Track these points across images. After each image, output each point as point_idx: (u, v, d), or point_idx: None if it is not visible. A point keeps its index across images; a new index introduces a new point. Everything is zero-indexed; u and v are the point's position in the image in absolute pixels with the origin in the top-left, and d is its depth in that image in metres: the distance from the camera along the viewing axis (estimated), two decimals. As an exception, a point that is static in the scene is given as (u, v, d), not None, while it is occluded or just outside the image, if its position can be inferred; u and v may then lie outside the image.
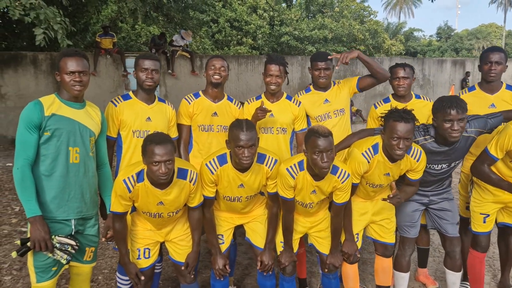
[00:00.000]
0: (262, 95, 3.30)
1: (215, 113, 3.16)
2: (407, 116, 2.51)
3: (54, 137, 2.32)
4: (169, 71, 12.11)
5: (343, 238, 2.91)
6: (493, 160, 2.81)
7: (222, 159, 2.62)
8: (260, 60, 13.87)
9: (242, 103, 3.35)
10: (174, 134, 3.09)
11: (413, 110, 2.64)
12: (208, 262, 3.26)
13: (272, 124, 3.20)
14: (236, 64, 13.14)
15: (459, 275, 3.10)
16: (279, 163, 2.68)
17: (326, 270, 2.89)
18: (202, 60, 13.00)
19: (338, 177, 2.64)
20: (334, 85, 3.41)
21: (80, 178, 2.43)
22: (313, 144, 2.46)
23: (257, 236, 2.88)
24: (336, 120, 3.31)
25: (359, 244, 2.94)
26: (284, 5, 21.30)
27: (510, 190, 2.76)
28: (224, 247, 2.83)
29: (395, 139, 2.52)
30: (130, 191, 2.39)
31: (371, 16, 23.54)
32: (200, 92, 3.23)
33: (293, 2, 13.57)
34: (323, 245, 2.91)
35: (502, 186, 2.80)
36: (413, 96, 3.36)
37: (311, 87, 3.45)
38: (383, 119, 2.65)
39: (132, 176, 2.39)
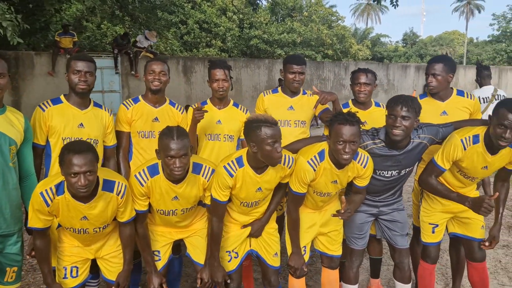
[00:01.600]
0: (208, 101, 3.13)
1: (156, 119, 2.97)
2: (351, 119, 2.41)
3: None
4: (132, 72, 11.80)
5: (289, 251, 2.78)
6: (440, 171, 2.74)
7: (153, 170, 2.42)
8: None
9: (186, 108, 3.18)
10: (111, 141, 2.89)
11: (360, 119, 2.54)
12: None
13: (220, 131, 3.05)
14: (203, 66, 12.95)
15: (408, 286, 3.02)
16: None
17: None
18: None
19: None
20: (304, 94, 3.30)
21: None
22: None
23: (197, 251, 2.71)
24: (295, 131, 3.19)
25: (306, 257, 2.81)
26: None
27: (460, 201, 2.69)
28: (160, 264, 2.64)
29: (340, 143, 2.41)
30: (48, 205, 2.17)
31: (339, 21, 23.83)
32: (140, 97, 3.04)
33: (259, 5, 13.51)
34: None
35: (451, 197, 2.74)
36: (373, 103, 3.29)
37: (280, 89, 3.34)
38: (328, 124, 2.54)
39: (51, 188, 2.17)
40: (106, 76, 11.55)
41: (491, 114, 2.57)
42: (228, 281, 2.61)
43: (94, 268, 2.74)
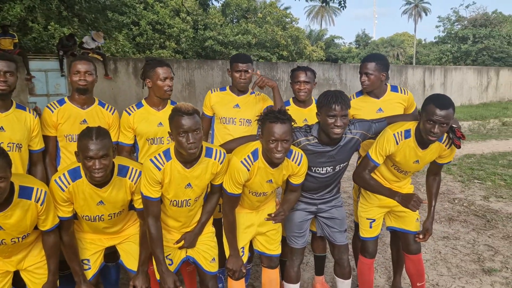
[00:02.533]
0: (144, 103, 3.00)
1: (85, 121, 2.83)
2: (283, 116, 2.38)
3: None
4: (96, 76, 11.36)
5: (227, 253, 2.72)
6: (374, 166, 2.78)
7: (74, 173, 2.29)
8: (179, 64, 13.52)
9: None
10: (38, 145, 2.72)
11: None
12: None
13: (162, 134, 2.93)
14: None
15: (348, 282, 3.05)
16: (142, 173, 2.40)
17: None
18: (116, 63, 12.37)
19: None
20: (251, 94, 3.27)
21: None
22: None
23: (130, 258, 2.60)
24: (241, 129, 3.15)
25: (245, 258, 2.76)
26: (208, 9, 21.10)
27: (390, 196, 2.74)
28: (91, 273, 2.51)
29: (272, 141, 2.38)
30: None
31: (293, 23, 24.14)
32: (66, 99, 2.88)
33: (210, 6, 13.44)
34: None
35: (382, 192, 2.79)
36: (313, 101, 3.29)
37: (228, 87, 3.29)
38: (259, 123, 2.51)
39: None
40: (52, 79, 11.05)
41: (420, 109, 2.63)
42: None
43: (21, 282, 2.57)
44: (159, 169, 2.32)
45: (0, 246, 2.19)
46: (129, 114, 2.92)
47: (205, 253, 2.65)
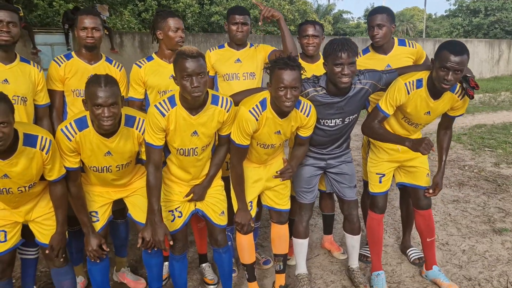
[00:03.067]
0: (154, 56, 2.94)
1: None
2: (292, 63, 2.31)
3: None
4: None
5: (235, 207, 2.70)
6: (384, 117, 2.71)
7: (81, 123, 2.25)
8: (185, 37, 13.35)
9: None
10: (43, 100, 2.69)
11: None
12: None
13: (174, 87, 2.83)
14: (160, 42, 12.53)
15: (357, 238, 3.03)
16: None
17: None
18: (122, 37, 12.27)
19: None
20: (250, 47, 3.18)
21: None
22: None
23: (138, 210, 2.58)
24: (245, 83, 3.07)
25: (253, 212, 2.74)
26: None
27: (400, 142, 2.68)
28: (99, 225, 2.50)
29: (281, 89, 2.32)
30: None
31: (300, -4, 23.59)
32: (73, 53, 2.83)
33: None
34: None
35: (392, 139, 2.73)
36: (321, 56, 3.21)
37: (226, 44, 3.21)
38: (268, 70, 2.44)
39: None
40: (58, 53, 10.94)
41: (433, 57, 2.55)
42: (171, 242, 2.47)
43: (32, 236, 2.58)
44: (163, 115, 2.27)
45: (7, 195, 2.18)
46: (140, 66, 2.86)
47: (214, 206, 2.62)
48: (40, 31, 11.12)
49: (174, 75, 2.28)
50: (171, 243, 2.44)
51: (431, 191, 2.88)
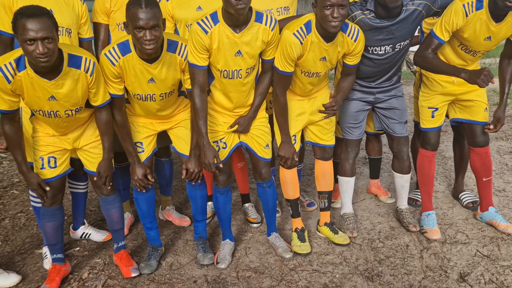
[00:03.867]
0: None
1: None
2: None
3: None
4: None
5: (278, 140, 2.63)
6: (439, 44, 2.51)
7: (124, 47, 2.21)
8: None
9: None
10: (87, 34, 2.67)
11: None
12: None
13: None
14: None
15: (407, 177, 2.89)
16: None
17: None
18: None
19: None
20: None
21: None
22: None
23: (181, 142, 2.57)
24: (279, 19, 2.94)
25: (297, 146, 2.66)
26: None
27: (453, 74, 2.47)
28: (144, 156, 2.51)
29: (328, 7, 2.18)
30: (9, 82, 2.01)
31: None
32: None
33: None
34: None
35: (447, 71, 2.52)
36: None
37: None
38: None
39: (10, 63, 2.00)
40: None
41: None
42: (221, 165, 2.38)
43: (81, 170, 2.65)
44: (206, 32, 2.20)
45: (55, 119, 2.21)
46: (167, 0, 2.78)
47: (259, 138, 2.55)
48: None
49: None
50: (221, 165, 2.39)
51: (491, 126, 2.67)
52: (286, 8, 2.91)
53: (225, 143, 2.52)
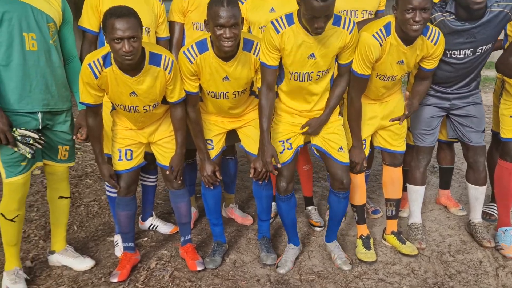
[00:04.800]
0: None
1: None
2: None
3: (4, 22, 2.10)
4: None
5: (350, 144, 2.58)
6: (528, 48, 2.36)
7: (201, 46, 2.28)
8: None
9: None
10: (164, 33, 2.79)
11: None
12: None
13: None
14: None
15: (483, 189, 2.73)
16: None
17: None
18: None
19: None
20: None
21: (42, 67, 2.22)
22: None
23: (250, 141, 2.60)
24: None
25: (366, 151, 2.60)
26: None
27: None
28: (214, 153, 2.56)
29: (409, 11, 2.12)
30: (96, 77, 2.14)
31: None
32: None
33: None
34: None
35: None
36: None
37: None
38: None
39: (98, 60, 2.13)
40: None
41: None
42: (279, 165, 2.34)
43: (153, 165, 2.77)
44: (278, 32, 2.20)
45: (134, 113, 2.33)
46: (242, 3, 2.75)
47: (331, 141, 2.46)
48: None
49: None
50: (279, 165, 2.36)
51: None
52: (370, 12, 2.85)
53: (290, 144, 2.49)
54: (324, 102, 2.46)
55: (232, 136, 2.72)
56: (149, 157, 2.65)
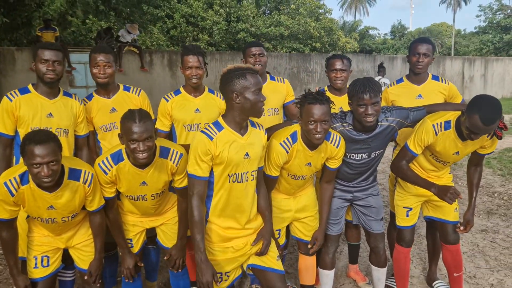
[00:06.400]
0: (182, 90, 3.08)
1: (114, 109, 2.92)
2: (321, 98, 2.41)
3: None
4: (117, 67, 11.67)
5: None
6: (412, 156, 2.76)
7: (116, 157, 2.37)
8: (213, 56, 13.65)
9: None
10: (83, 131, 2.85)
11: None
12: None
13: (199, 121, 2.98)
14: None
15: (383, 270, 3.05)
16: (184, 158, 2.41)
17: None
18: (152, 56, 12.64)
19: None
20: (271, 80, 3.28)
21: None
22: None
23: (167, 237, 2.70)
24: (269, 119, 3.14)
25: (281, 241, 2.82)
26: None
27: (427, 187, 2.71)
28: (134, 250, 2.63)
29: (312, 122, 2.41)
30: (13, 195, 2.14)
31: (326, 14, 23.78)
32: (94, 92, 2.99)
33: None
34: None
35: (419, 183, 2.76)
36: None
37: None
38: (298, 105, 2.53)
39: (15, 178, 2.14)
40: (91, 71, 11.38)
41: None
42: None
43: (70, 260, 2.73)
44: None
45: (52, 224, 2.33)
46: (167, 100, 2.98)
47: (270, 251, 2.44)
48: (74, 50, 11.57)
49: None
50: (223, 278, 2.33)
51: (462, 228, 2.89)
52: (275, 109, 3.14)
53: (228, 276, 2.38)
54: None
55: (152, 228, 2.79)
56: (66, 253, 2.61)
